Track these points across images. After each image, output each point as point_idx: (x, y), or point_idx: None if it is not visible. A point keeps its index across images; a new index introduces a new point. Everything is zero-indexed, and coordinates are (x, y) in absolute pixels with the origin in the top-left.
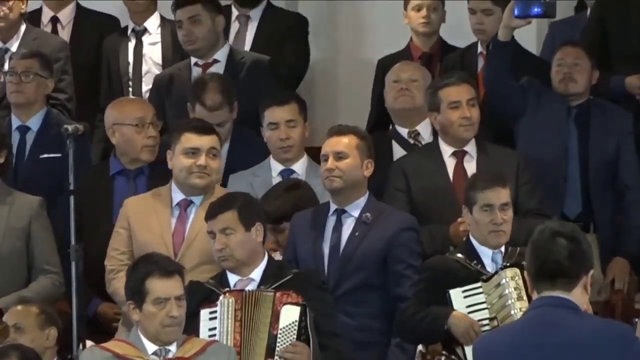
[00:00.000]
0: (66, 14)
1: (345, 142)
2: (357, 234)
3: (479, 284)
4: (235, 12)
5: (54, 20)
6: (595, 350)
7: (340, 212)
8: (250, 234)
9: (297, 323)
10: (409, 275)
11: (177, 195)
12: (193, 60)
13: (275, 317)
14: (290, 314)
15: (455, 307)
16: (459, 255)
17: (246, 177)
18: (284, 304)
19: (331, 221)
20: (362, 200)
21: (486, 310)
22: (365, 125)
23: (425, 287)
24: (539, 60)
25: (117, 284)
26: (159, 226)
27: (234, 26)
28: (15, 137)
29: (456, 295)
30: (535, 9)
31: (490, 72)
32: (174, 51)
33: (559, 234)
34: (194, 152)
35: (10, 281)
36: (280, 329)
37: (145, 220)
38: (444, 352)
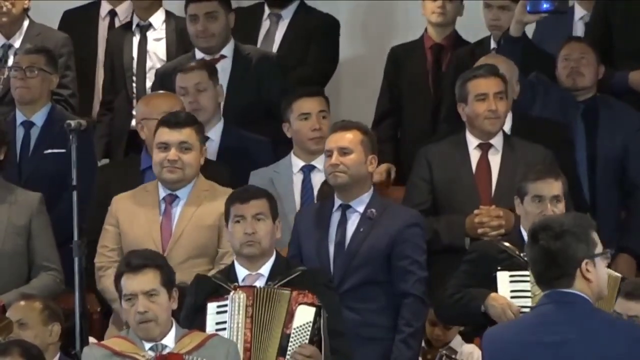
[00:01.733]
0: (124, 9)
1: (349, 138)
2: (362, 229)
3: (527, 272)
4: (267, 11)
5: (112, 14)
6: (598, 348)
7: (345, 208)
8: (275, 226)
9: (311, 324)
10: (413, 271)
11: (163, 191)
12: (199, 55)
13: (290, 316)
14: (305, 314)
15: (499, 289)
16: (507, 244)
17: (267, 174)
18: (300, 304)
19: (336, 217)
20: (366, 196)
21: (529, 299)
22: (374, 114)
23: (467, 268)
24: (545, 54)
25: (106, 281)
26: (146, 222)
27: (265, 25)
28: (20, 133)
29: (503, 278)
30: (547, 5)
31: None
32: (178, 47)
33: (540, 238)
34: (164, 146)
35: (11, 278)
36: (294, 329)
37: (133, 217)
38: (444, 351)
